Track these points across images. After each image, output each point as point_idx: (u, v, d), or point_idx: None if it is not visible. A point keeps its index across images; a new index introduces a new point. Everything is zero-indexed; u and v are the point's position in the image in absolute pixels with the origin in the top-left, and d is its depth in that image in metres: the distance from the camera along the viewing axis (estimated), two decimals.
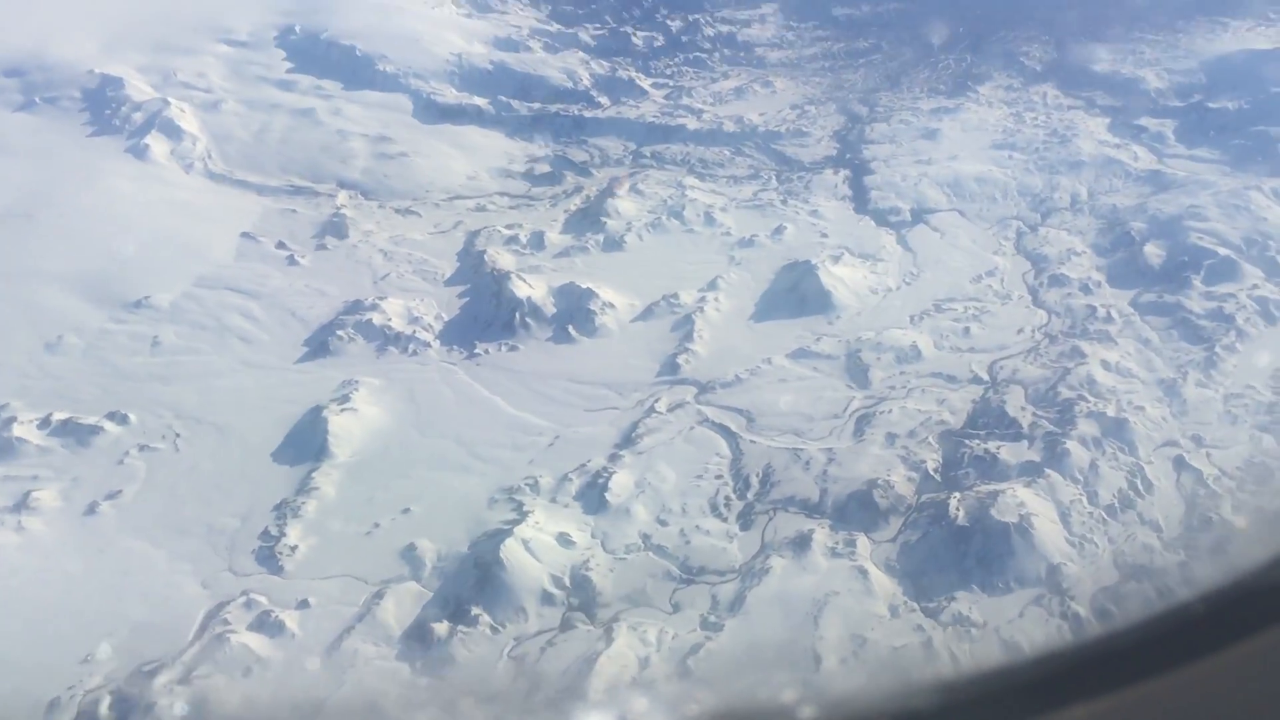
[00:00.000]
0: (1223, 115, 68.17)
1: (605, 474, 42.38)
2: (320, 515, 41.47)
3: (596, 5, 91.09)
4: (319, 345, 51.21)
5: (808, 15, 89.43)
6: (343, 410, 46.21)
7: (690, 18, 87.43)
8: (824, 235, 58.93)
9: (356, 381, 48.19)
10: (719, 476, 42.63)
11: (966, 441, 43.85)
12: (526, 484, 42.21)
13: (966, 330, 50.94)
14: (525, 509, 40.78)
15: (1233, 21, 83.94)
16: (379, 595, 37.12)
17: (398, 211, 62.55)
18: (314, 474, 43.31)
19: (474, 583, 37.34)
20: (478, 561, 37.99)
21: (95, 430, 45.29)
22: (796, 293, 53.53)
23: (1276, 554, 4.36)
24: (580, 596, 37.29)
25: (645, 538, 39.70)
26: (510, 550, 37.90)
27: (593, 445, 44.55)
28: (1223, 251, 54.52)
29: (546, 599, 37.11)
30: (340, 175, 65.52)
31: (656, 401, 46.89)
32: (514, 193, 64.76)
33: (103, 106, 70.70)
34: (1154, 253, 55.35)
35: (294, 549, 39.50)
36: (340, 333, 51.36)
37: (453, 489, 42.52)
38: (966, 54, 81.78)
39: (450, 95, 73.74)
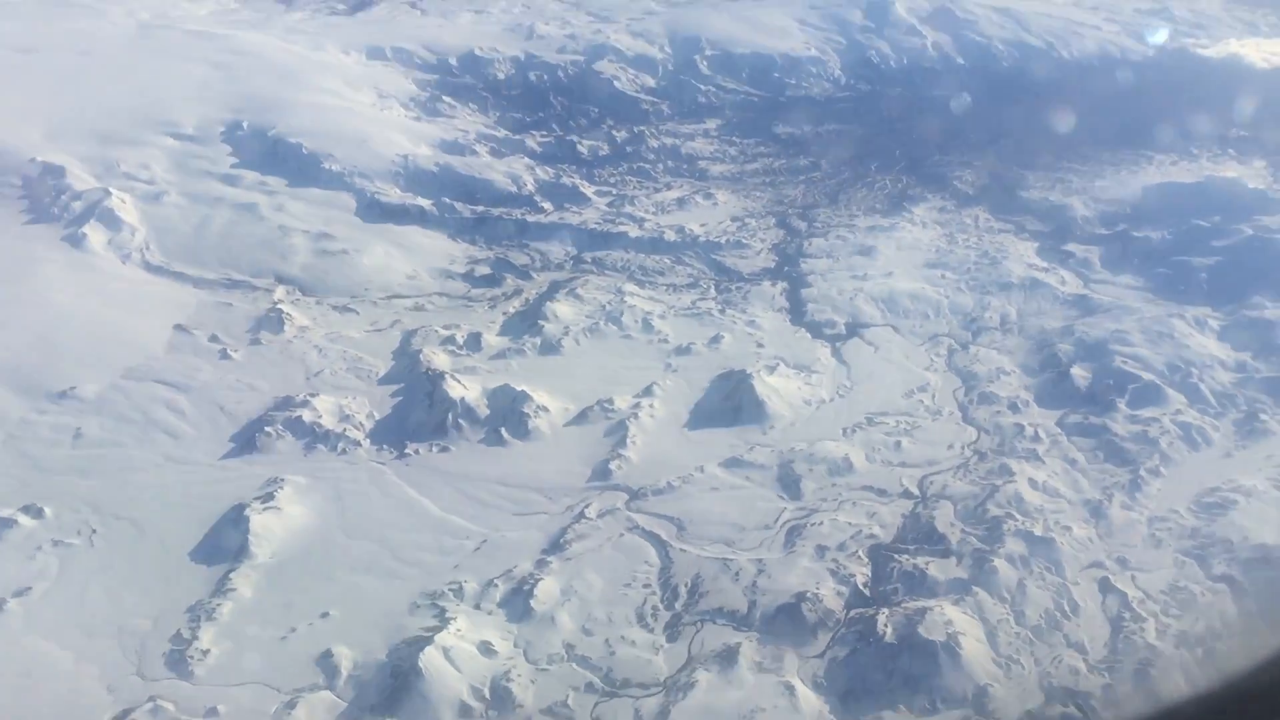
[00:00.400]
0: (1146, 244, 70.44)
1: (531, 580, 41.73)
2: (235, 618, 40.23)
3: (544, 114, 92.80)
4: (246, 441, 50.30)
5: (750, 132, 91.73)
6: (265, 509, 45.23)
7: (636, 129, 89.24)
8: (760, 345, 59.49)
9: (282, 480, 47.29)
10: (647, 585, 42.14)
11: (896, 556, 43.86)
12: (450, 589, 41.41)
13: (898, 444, 51.33)
14: (447, 616, 39.95)
15: (1157, 155, 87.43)
16: (291, 704, 35.89)
17: (335, 308, 62.24)
18: (232, 575, 42.14)
19: (390, 692, 36.30)
20: (395, 670, 36.99)
21: (8, 523, 43.88)
22: (731, 401, 53.75)
23: (1198, 684, 4.30)
24: (500, 708, 36.34)
25: (569, 648, 38.96)
26: (429, 659, 36.98)
27: (520, 550, 43.93)
28: (1147, 376, 55.79)
29: (465, 711, 36.11)
30: (279, 270, 65.20)
31: (587, 507, 46.49)
32: (453, 293, 64.80)
33: (42, 195, 70.06)
34: (1081, 375, 56.49)
35: (206, 653, 38.18)
36: (268, 429, 50.54)
37: (374, 593, 41.56)
38: (903, 175, 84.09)
39: (394, 195, 74.14)
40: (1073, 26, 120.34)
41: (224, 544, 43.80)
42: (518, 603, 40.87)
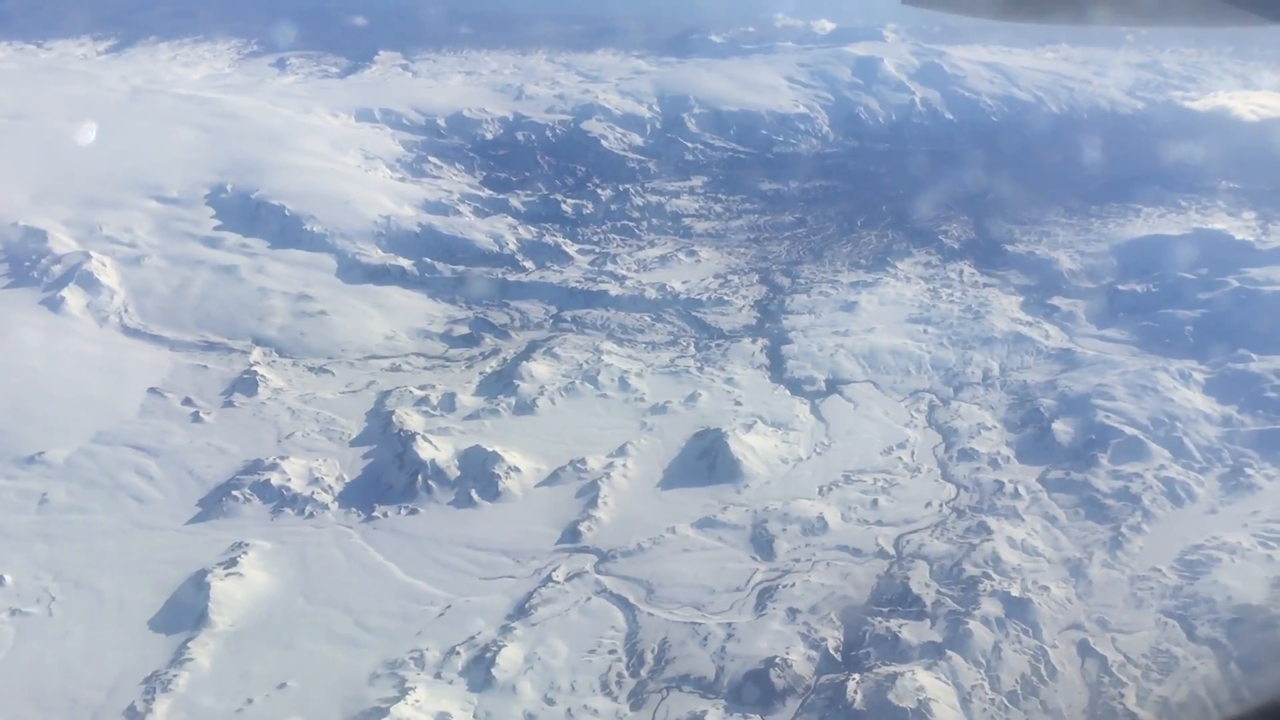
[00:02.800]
0: (1132, 298, 69.92)
1: (494, 648, 40.72)
2: (191, 689, 39.24)
3: (530, 173, 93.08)
4: (213, 506, 49.60)
5: (736, 189, 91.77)
6: (228, 575, 44.40)
7: (621, 187, 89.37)
8: (738, 403, 58.81)
9: (247, 544, 46.50)
10: (612, 652, 41.09)
11: (869, 619, 42.79)
12: (411, 657, 40.42)
13: (875, 503, 50.44)
14: (407, 685, 38.93)
15: (1145, 208, 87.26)
16: None
17: (311, 370, 61.80)
18: (190, 644, 41.21)
19: None
20: None
21: None
22: (706, 460, 52.99)
23: None
24: None
25: (530, 718, 37.88)
26: None
27: (485, 616, 42.95)
28: (1130, 431, 54.96)
29: None
30: (257, 332, 64.90)
31: (555, 570, 45.57)
32: (431, 353, 64.37)
33: (23, 259, 70.11)
34: (1063, 430, 55.68)
35: None
36: (236, 493, 49.86)
37: (334, 662, 40.55)
38: (888, 230, 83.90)
39: (375, 256, 74.04)
40: (1062, 81, 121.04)
41: (184, 611, 42.91)
42: (479, 671, 39.85)
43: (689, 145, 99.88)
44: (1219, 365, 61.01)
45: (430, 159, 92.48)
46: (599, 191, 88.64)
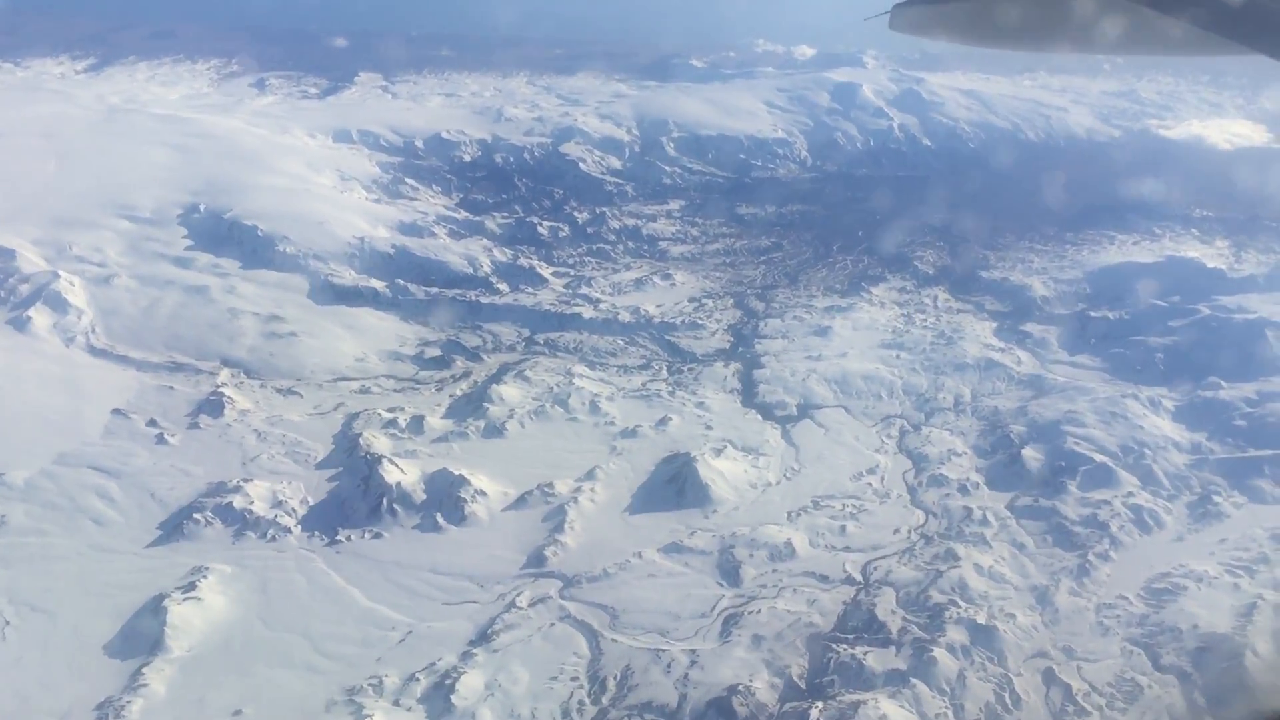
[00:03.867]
0: (1104, 324, 70.01)
1: (454, 674, 40.28)
2: (145, 717, 38.72)
3: (508, 195, 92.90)
4: (174, 529, 49.02)
5: (713, 213, 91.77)
6: (186, 599, 43.85)
7: (598, 210, 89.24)
8: (709, 427, 58.53)
9: (206, 569, 45.93)
10: (574, 679, 40.66)
11: (834, 646, 42.47)
12: (370, 684, 39.93)
13: (843, 528, 50.18)
14: (365, 713, 38.49)
15: (1119, 235, 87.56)
16: None
17: (280, 391, 61.29)
18: (145, 669, 40.66)
19: None
20: None
21: None
22: (674, 485, 52.67)
23: None
24: None
25: None
26: None
27: (446, 642, 42.50)
28: (1099, 458, 54.89)
29: None
30: (226, 353, 64.38)
31: (519, 596, 45.15)
32: (401, 376, 63.95)
33: None
34: (1032, 456, 55.57)
35: None
36: (197, 516, 49.31)
37: (291, 689, 40.04)
38: (864, 256, 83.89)
39: (348, 277, 73.65)
40: (1039, 108, 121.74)
41: (140, 637, 42.35)
42: (439, 698, 39.38)
43: (667, 169, 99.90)
44: (1189, 393, 61.06)
45: (407, 180, 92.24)
46: (575, 214, 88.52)
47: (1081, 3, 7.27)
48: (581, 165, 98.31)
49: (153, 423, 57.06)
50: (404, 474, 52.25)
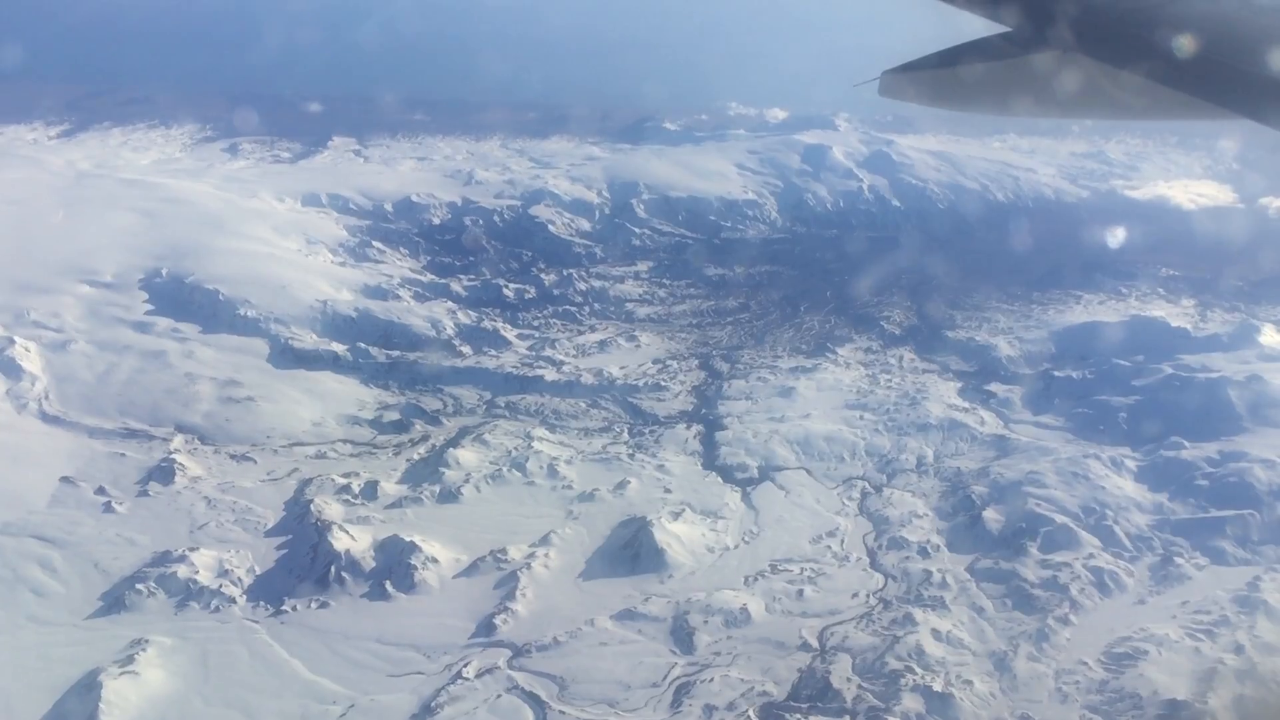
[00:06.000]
0: (1068, 384, 69.73)
1: None
2: None
3: (476, 258, 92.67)
4: (115, 600, 47.94)
5: (681, 274, 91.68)
6: (122, 674, 42.70)
7: (565, 272, 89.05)
8: (668, 490, 57.80)
9: (146, 641, 44.80)
10: None
11: (787, 716, 41.56)
12: None
13: (800, 593, 49.37)
14: None
15: (1085, 295, 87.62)
16: None
17: (234, 457, 60.39)
18: None
19: None
20: None
21: None
22: (630, 550, 51.85)
23: None
24: None
25: None
26: None
27: (389, 716, 41.50)
28: (1060, 519, 54.32)
29: None
30: (180, 419, 63.53)
31: (466, 666, 44.12)
32: (359, 440, 63.12)
33: None
34: (993, 518, 54.97)
35: None
36: (140, 586, 48.25)
37: None
38: (831, 316, 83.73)
39: (309, 341, 73.03)
40: (1007, 170, 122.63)
41: (73, 713, 41.21)
42: None
43: (637, 230, 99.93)
44: (1151, 452, 60.64)
45: (374, 243, 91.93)
46: (543, 276, 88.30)
47: (1067, 73, 7.30)
48: (551, 227, 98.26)
49: (101, 490, 56.09)
50: (354, 541, 51.33)
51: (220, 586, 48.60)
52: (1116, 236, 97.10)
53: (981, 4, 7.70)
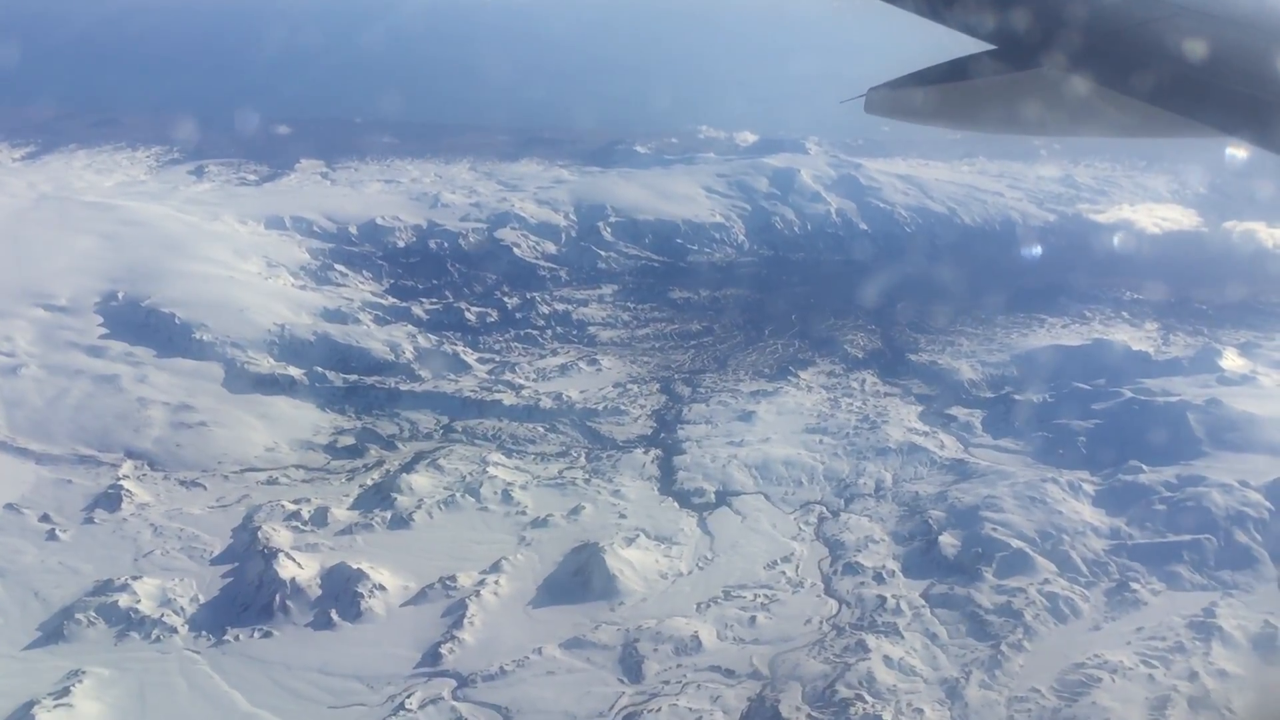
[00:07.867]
0: (1028, 407, 69.56)
1: None
2: None
3: (439, 281, 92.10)
4: (54, 630, 46.96)
5: (646, 297, 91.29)
6: (57, 706, 41.75)
7: (528, 295, 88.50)
8: (622, 516, 57.19)
9: (83, 672, 43.84)
10: None
11: None
12: None
13: (753, 620, 48.78)
14: None
15: (1049, 318, 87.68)
16: None
17: (183, 483, 59.47)
18: None
19: None
20: None
21: None
22: (581, 576, 51.17)
23: None
24: None
25: None
26: None
27: None
28: (1016, 544, 53.98)
29: None
30: (131, 444, 62.58)
31: (409, 697, 43.33)
32: (312, 465, 62.29)
33: None
34: (949, 543, 54.59)
35: None
36: (80, 616, 47.27)
37: None
38: (794, 339, 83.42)
39: (265, 365, 72.17)
40: (974, 193, 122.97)
41: None
42: None
43: (603, 254, 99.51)
44: (1109, 476, 60.45)
45: (336, 266, 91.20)
46: (506, 300, 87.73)
47: (1055, 91, 7.27)
48: (516, 250, 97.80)
49: (45, 518, 55.13)
50: (301, 569, 50.50)
51: (162, 616, 47.67)
52: (1081, 260, 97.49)
53: (968, 22, 7.64)
